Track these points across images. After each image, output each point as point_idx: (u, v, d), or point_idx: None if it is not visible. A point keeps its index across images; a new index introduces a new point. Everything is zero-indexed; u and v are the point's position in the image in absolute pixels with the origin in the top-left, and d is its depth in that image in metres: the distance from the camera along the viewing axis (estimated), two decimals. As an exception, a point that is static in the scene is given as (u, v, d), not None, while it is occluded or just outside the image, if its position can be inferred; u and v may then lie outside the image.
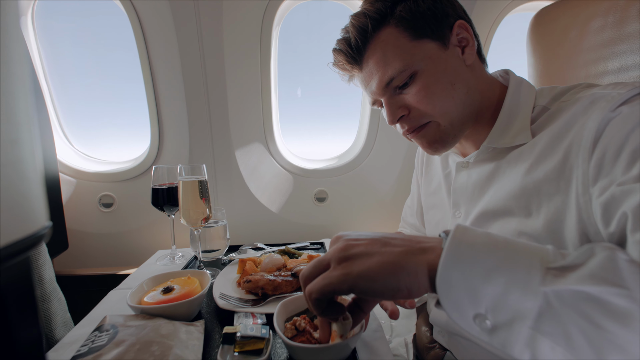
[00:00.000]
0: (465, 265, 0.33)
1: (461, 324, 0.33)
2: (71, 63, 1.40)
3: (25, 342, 0.27)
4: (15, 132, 0.25)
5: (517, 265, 0.31)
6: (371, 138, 1.39)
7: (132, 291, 0.64)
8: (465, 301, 0.32)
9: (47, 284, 0.84)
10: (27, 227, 0.26)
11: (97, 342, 0.50)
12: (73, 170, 1.32)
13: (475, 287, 0.32)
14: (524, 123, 0.56)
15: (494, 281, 0.31)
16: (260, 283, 0.70)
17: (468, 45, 0.58)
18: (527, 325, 0.30)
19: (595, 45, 0.78)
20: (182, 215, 0.83)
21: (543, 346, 0.29)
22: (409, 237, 0.40)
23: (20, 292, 0.27)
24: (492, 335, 0.32)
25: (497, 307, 0.31)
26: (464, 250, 0.34)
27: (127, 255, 1.36)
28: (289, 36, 1.35)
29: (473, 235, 0.35)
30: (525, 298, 0.30)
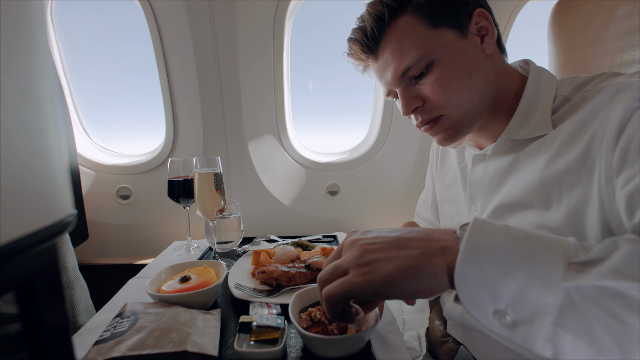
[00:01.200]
0: (484, 261, 0.32)
1: (481, 319, 0.33)
2: (88, 58, 1.43)
3: (52, 326, 0.28)
4: (41, 122, 0.25)
5: (538, 260, 0.31)
6: (384, 131, 1.38)
7: (150, 280, 0.66)
8: (485, 297, 0.32)
9: (71, 271, 0.87)
10: (54, 215, 0.27)
11: (119, 328, 0.52)
12: (92, 163, 1.36)
13: (494, 284, 0.31)
14: (544, 114, 0.54)
15: (513, 277, 0.31)
16: (274, 274, 0.71)
17: (488, 34, 0.57)
18: (549, 321, 0.29)
19: (622, 33, 0.75)
20: (198, 207, 0.85)
21: (565, 342, 0.29)
22: (426, 235, 0.38)
23: (47, 277, 0.28)
24: (512, 331, 0.31)
25: (517, 303, 0.30)
26: (482, 247, 0.33)
27: (144, 246, 1.39)
28: (302, 29, 1.34)
29: (491, 230, 0.34)
30: (547, 293, 0.29)
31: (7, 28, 0.22)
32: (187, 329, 0.51)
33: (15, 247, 0.23)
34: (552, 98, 0.55)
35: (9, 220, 0.22)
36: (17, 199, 0.23)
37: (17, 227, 0.23)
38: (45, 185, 0.26)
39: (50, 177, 0.26)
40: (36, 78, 0.25)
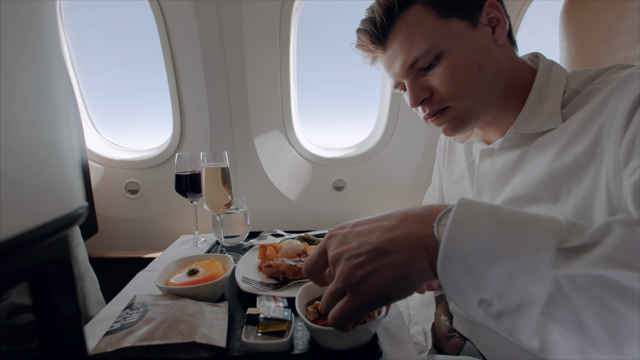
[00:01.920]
0: (467, 250, 0.30)
1: (466, 309, 0.32)
2: (96, 54, 1.44)
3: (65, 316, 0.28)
4: (52, 114, 0.26)
5: (525, 247, 0.28)
6: (390, 127, 1.37)
7: (159, 272, 0.67)
8: (469, 287, 0.30)
9: (81, 264, 0.89)
10: (65, 207, 0.27)
11: (129, 319, 0.53)
12: (101, 158, 1.38)
13: (479, 273, 0.30)
14: (554, 107, 0.53)
15: (499, 265, 0.29)
16: (281, 268, 0.72)
17: (499, 24, 0.56)
18: (536, 311, 0.28)
19: (636, 25, 0.73)
20: (205, 201, 0.85)
21: (553, 333, 0.27)
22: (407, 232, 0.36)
23: (59, 268, 0.28)
24: (498, 321, 0.30)
25: (503, 292, 0.29)
26: (464, 232, 0.31)
27: (152, 240, 1.41)
28: (308, 24, 1.33)
29: (476, 213, 0.32)
30: (534, 283, 0.27)
31: (19, 21, 0.22)
32: (196, 320, 0.52)
33: (28, 239, 0.23)
34: (561, 91, 0.54)
35: (22, 211, 0.23)
36: (29, 191, 0.23)
37: (29, 218, 0.23)
38: (56, 177, 0.26)
39: (61, 170, 0.26)
40: (48, 70, 0.25)
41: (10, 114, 0.21)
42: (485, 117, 0.60)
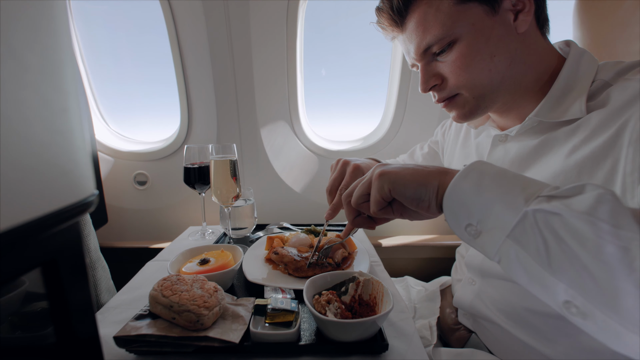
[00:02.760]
0: (468, 183, 0.38)
1: (455, 230, 0.40)
2: (105, 46, 1.45)
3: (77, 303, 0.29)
4: (64, 101, 0.26)
5: (512, 191, 0.35)
6: (397, 120, 1.35)
7: (171, 261, 0.68)
8: (461, 212, 0.38)
9: (93, 252, 0.91)
10: (77, 194, 0.27)
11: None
12: (110, 150, 1.39)
13: (468, 201, 0.37)
14: (579, 97, 0.51)
15: (485, 196, 0.36)
16: (285, 259, 0.72)
17: (524, 10, 0.52)
18: (504, 233, 0.34)
19: (655, 15, 0.70)
20: (214, 193, 0.86)
21: (510, 252, 0.34)
22: (436, 165, 0.46)
23: (72, 255, 0.28)
24: (476, 240, 0.37)
25: (484, 218, 0.36)
26: (472, 175, 0.38)
27: (161, 231, 1.43)
28: (315, 16, 1.31)
29: (488, 167, 0.39)
30: (508, 212, 0.34)
31: (30, 6, 0.22)
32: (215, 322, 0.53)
33: (41, 225, 0.23)
34: (590, 81, 0.52)
35: (34, 198, 0.23)
36: (41, 178, 0.23)
37: (41, 205, 0.23)
38: (68, 164, 0.26)
39: (73, 157, 0.26)
40: (59, 57, 0.25)
41: (22, 100, 0.21)
42: (497, 105, 0.59)
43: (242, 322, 0.52)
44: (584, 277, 0.30)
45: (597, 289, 0.29)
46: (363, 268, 0.74)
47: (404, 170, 0.44)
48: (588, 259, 0.30)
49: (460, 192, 0.38)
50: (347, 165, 0.68)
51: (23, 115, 0.22)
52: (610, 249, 0.29)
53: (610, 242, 0.29)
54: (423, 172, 0.43)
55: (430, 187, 0.42)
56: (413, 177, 0.43)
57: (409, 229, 1.41)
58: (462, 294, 0.72)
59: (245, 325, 0.52)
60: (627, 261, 0.28)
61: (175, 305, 0.48)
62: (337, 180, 0.69)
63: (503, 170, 0.38)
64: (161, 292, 0.50)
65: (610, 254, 0.29)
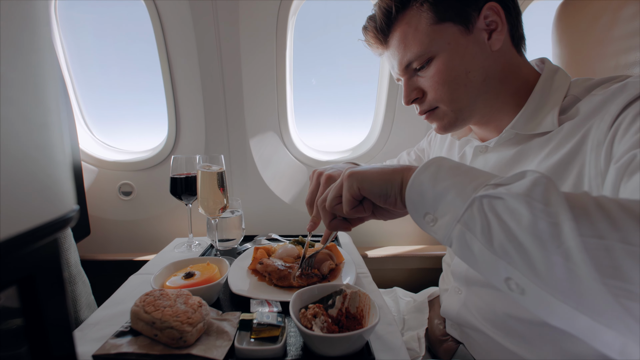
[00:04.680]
0: (426, 175, 0.41)
1: (416, 221, 0.43)
2: (92, 54, 1.43)
3: (54, 320, 0.28)
4: (45, 116, 0.25)
5: (464, 181, 0.38)
6: (386, 131, 1.38)
7: (155, 275, 0.66)
8: (419, 201, 0.41)
9: (73, 266, 0.88)
10: (56, 210, 0.27)
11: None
12: (94, 159, 1.36)
13: (425, 191, 0.40)
14: (552, 110, 0.54)
15: (439, 186, 0.39)
16: (269, 269, 0.72)
17: (497, 29, 0.56)
18: (455, 219, 0.37)
19: (627, 34, 0.74)
20: (201, 205, 0.85)
21: (460, 235, 0.37)
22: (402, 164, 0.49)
23: (49, 272, 0.28)
24: (432, 227, 0.40)
25: (438, 205, 0.39)
26: (431, 169, 0.41)
27: (146, 242, 1.40)
28: (305, 26, 1.33)
29: (446, 162, 0.42)
30: (459, 200, 0.37)
31: (11, 22, 0.22)
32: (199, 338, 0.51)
33: (18, 242, 0.23)
34: (562, 96, 0.55)
35: (12, 214, 0.22)
36: (20, 194, 0.23)
37: (19, 221, 0.23)
38: (48, 180, 0.26)
39: (53, 172, 0.26)
40: (41, 72, 0.25)
41: (3, 116, 0.21)
42: (475, 118, 0.62)
43: (227, 337, 0.51)
44: (521, 254, 0.32)
45: (531, 264, 0.31)
46: (349, 280, 0.73)
47: (371, 170, 0.47)
48: (524, 236, 0.32)
49: (420, 184, 0.41)
50: (321, 176, 0.71)
51: (2, 131, 0.21)
52: (542, 225, 0.31)
53: (542, 218, 0.31)
54: (388, 169, 0.46)
55: (395, 183, 0.45)
56: (379, 175, 0.46)
57: (398, 239, 1.42)
58: (448, 303, 0.73)
59: (230, 341, 0.51)
60: (555, 234, 0.30)
61: (157, 321, 0.47)
62: (314, 193, 0.72)
63: (458, 164, 0.42)
64: (143, 307, 0.49)
65: (542, 230, 0.31)
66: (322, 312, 0.54)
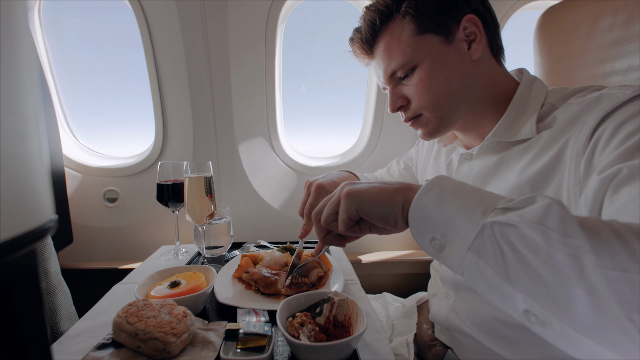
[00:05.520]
0: (430, 197, 0.40)
1: (422, 245, 0.41)
2: (78, 59, 1.41)
3: (30, 335, 0.27)
4: (22, 126, 0.25)
5: (471, 205, 0.37)
6: (375, 136, 1.39)
7: (139, 284, 0.65)
8: (425, 225, 0.40)
9: (53, 277, 0.85)
10: (34, 220, 0.26)
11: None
12: (78, 165, 1.33)
13: (431, 214, 0.39)
14: (530, 118, 0.56)
15: (446, 210, 0.38)
16: (255, 277, 0.71)
17: (475, 40, 0.59)
18: (465, 246, 0.36)
19: (603, 45, 0.77)
20: (188, 212, 0.84)
21: (472, 264, 0.36)
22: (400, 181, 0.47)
23: (26, 285, 0.27)
24: (440, 253, 0.38)
25: (446, 232, 0.38)
26: (434, 190, 0.40)
27: (131, 250, 1.36)
28: (295, 33, 1.34)
29: (448, 182, 0.41)
30: (468, 225, 0.36)
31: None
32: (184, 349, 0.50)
33: (-8, 254, 0.22)
34: (540, 105, 0.57)
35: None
36: (-5, 205, 0.22)
37: (-5, 233, 0.22)
38: (25, 190, 0.25)
39: (30, 183, 0.26)
40: (18, 80, 0.24)
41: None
42: (458, 124, 0.65)
43: (213, 348, 0.51)
44: (539, 286, 0.31)
45: (552, 297, 0.30)
46: (337, 287, 0.73)
47: (370, 190, 0.45)
48: (541, 268, 0.31)
49: (424, 207, 0.40)
50: (312, 185, 0.73)
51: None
52: (561, 256, 0.30)
53: (560, 250, 0.30)
54: (388, 189, 0.45)
55: (396, 205, 0.43)
56: (379, 196, 0.44)
57: (387, 245, 1.43)
58: (437, 308, 0.73)
59: (216, 352, 0.50)
60: (577, 268, 0.29)
61: (140, 332, 0.46)
62: (305, 202, 0.74)
63: (462, 184, 0.41)
64: (126, 318, 0.48)
65: (561, 262, 0.30)
66: (310, 320, 0.53)
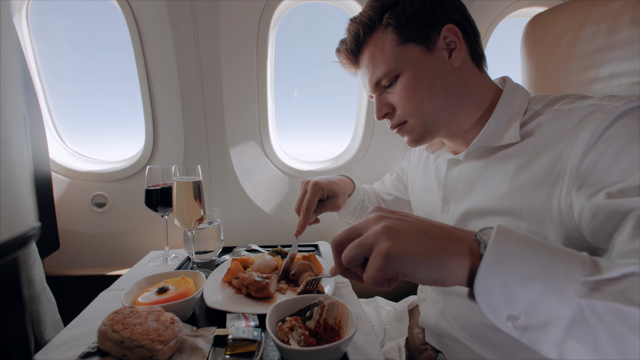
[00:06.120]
0: (505, 271, 0.34)
1: (494, 321, 0.35)
2: (66, 61, 1.39)
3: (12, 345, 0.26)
4: (4, 132, 0.25)
5: (556, 275, 0.33)
6: (366, 141, 1.40)
7: (126, 291, 0.64)
8: (501, 303, 0.34)
9: (37, 284, 0.83)
10: (16, 228, 0.26)
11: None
12: (66, 169, 1.31)
13: (512, 292, 0.33)
14: (514, 124, 0.58)
15: (532, 287, 0.32)
16: (245, 282, 0.71)
17: (456, 48, 0.61)
18: (559, 330, 0.32)
19: (588, 52, 0.79)
20: (176, 216, 0.83)
21: (571, 349, 0.32)
22: (449, 231, 0.40)
23: (7, 293, 0.26)
24: (522, 334, 0.33)
25: (531, 311, 0.33)
26: (505, 256, 0.34)
27: (120, 256, 1.34)
28: (287, 38, 1.35)
29: (515, 239, 0.36)
30: (560, 306, 0.31)
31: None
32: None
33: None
34: (523, 111, 0.59)
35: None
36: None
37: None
38: (6, 198, 0.25)
39: (12, 190, 0.25)
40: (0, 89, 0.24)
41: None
42: (443, 130, 0.66)
43: (201, 354, 0.50)
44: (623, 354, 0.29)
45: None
46: (328, 290, 0.73)
47: (414, 250, 0.37)
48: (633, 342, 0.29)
49: (496, 282, 0.34)
50: (308, 184, 0.76)
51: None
52: None
53: None
54: (437, 249, 0.37)
55: (452, 271, 0.36)
56: (426, 257, 0.36)
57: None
58: (426, 313, 0.74)
59: (204, 359, 0.49)
60: None
61: (126, 340, 0.45)
62: (302, 200, 0.77)
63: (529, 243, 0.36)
64: (111, 326, 0.47)
65: None
66: (300, 324, 0.53)
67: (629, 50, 0.70)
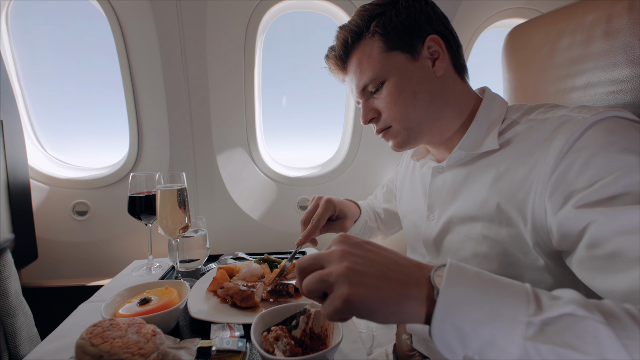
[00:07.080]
0: (457, 316, 0.36)
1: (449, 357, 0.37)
2: (48, 66, 1.36)
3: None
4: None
5: (502, 318, 0.35)
6: (354, 147, 1.41)
7: (106, 303, 0.62)
8: (456, 344, 0.36)
9: (12, 297, 0.79)
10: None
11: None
12: (45, 177, 1.27)
13: (465, 335, 0.35)
14: (493, 132, 0.60)
15: (481, 331, 0.35)
16: (230, 291, 0.70)
17: (439, 58, 0.63)
18: None
19: (565, 62, 0.82)
20: (160, 225, 0.81)
21: None
22: (407, 270, 0.41)
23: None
24: None
25: (483, 352, 0.35)
26: (456, 301, 0.36)
27: (102, 266, 1.30)
28: (274, 45, 1.35)
29: (465, 281, 0.37)
30: (508, 347, 0.34)
31: None
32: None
33: None
34: (500, 120, 0.62)
35: None
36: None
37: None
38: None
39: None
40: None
41: None
42: (426, 136, 0.68)
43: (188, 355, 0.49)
44: None
45: None
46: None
47: (373, 295, 0.38)
48: None
49: (450, 326, 0.36)
50: (321, 199, 0.78)
51: None
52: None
53: None
54: (395, 295, 0.38)
55: (408, 315, 0.38)
56: (384, 305, 0.38)
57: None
58: None
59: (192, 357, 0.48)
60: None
61: (105, 354, 0.44)
62: (311, 212, 0.77)
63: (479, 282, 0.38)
64: (90, 340, 0.45)
65: None
66: (285, 334, 0.52)
67: (602, 62, 0.73)
